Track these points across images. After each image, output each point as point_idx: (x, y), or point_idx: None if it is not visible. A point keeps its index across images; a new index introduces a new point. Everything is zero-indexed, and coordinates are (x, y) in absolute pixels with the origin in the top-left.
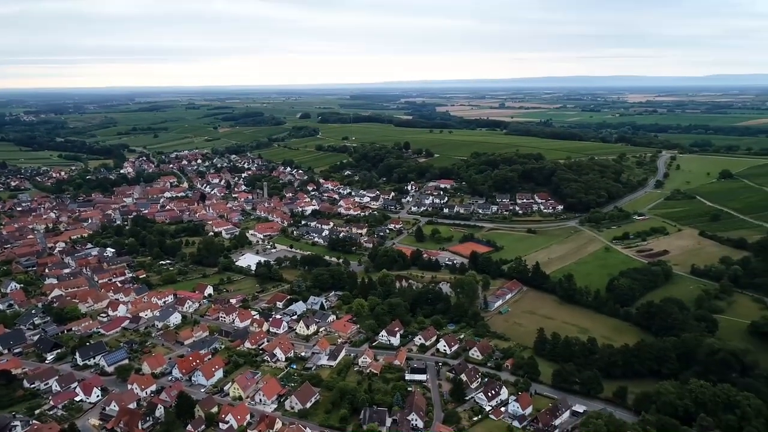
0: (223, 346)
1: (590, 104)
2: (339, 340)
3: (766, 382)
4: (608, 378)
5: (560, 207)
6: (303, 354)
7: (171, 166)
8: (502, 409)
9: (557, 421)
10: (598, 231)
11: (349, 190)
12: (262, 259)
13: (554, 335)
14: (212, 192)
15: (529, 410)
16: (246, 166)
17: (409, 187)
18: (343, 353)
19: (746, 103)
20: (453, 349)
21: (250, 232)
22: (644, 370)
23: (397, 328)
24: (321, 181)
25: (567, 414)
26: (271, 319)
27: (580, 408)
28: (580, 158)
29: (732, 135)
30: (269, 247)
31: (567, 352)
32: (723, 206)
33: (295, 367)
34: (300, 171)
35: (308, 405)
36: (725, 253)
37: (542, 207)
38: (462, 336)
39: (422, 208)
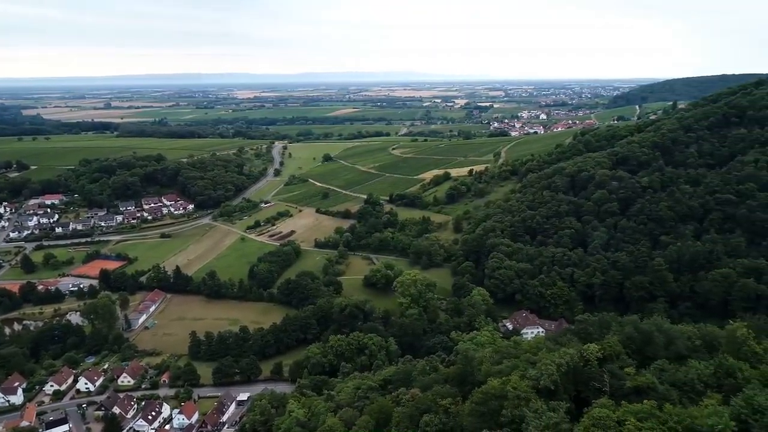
0: None
1: (203, 101)
2: None
3: (381, 321)
4: (265, 359)
5: (191, 206)
6: None
7: None
8: (167, 426)
9: (225, 417)
10: (231, 224)
11: None
12: None
13: (207, 335)
14: None
15: (195, 417)
16: None
17: (2, 210)
18: None
19: (332, 97)
20: (98, 383)
21: None
22: (293, 341)
23: (16, 383)
24: None
25: (233, 406)
26: None
27: (244, 396)
28: (203, 155)
29: (326, 124)
30: None
31: (222, 347)
32: (329, 185)
33: None
34: None
35: None
36: (338, 224)
37: (172, 209)
38: (106, 366)
39: (26, 232)
